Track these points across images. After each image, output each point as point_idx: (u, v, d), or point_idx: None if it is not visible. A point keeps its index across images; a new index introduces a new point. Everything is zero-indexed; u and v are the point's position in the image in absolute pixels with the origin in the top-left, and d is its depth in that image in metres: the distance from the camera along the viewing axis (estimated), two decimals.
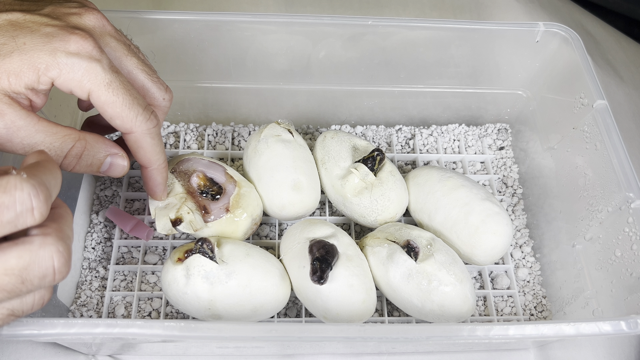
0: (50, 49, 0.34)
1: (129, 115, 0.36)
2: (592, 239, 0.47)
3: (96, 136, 0.38)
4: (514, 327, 0.36)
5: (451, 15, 0.74)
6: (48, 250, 0.28)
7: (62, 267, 0.28)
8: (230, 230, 0.47)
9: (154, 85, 0.40)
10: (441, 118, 0.61)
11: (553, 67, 0.54)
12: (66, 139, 0.36)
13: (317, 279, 0.42)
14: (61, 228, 0.29)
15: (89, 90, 0.35)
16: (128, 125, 0.37)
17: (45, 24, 0.35)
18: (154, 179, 0.42)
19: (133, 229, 0.50)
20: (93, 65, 0.35)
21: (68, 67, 0.34)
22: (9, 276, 0.27)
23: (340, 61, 0.55)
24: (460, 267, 0.45)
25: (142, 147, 0.39)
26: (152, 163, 0.40)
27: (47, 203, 0.28)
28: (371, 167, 0.49)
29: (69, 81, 0.34)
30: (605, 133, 0.46)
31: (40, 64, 0.34)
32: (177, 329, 0.34)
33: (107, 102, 0.35)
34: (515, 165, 0.59)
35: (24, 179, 0.26)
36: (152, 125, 0.38)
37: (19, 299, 0.29)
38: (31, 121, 0.34)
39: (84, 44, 0.35)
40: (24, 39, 0.34)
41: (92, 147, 0.37)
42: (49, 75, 0.34)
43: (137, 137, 0.38)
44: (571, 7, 0.77)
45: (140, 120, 0.37)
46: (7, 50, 0.33)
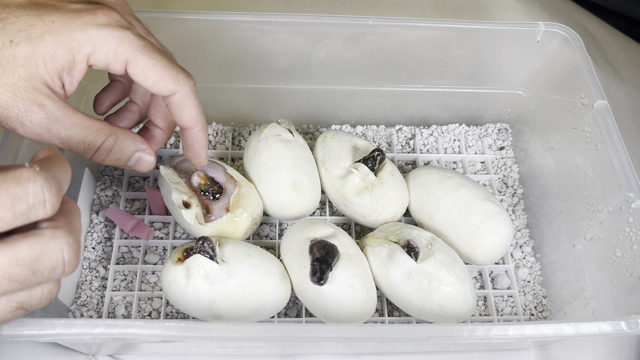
0: (80, 24, 0.33)
1: (170, 75, 0.36)
2: (593, 239, 0.47)
3: (126, 131, 0.38)
4: (514, 327, 0.36)
5: (451, 15, 0.74)
6: (58, 242, 0.28)
7: (71, 260, 0.29)
8: (230, 230, 0.47)
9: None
10: (441, 118, 0.61)
11: (553, 67, 0.54)
12: (99, 132, 0.36)
13: (317, 280, 0.42)
14: (70, 222, 0.29)
15: (126, 59, 0.35)
16: (172, 85, 0.36)
17: (69, 1, 0.35)
18: (200, 140, 0.41)
19: (133, 229, 0.50)
20: (125, 33, 0.34)
21: (101, 39, 0.34)
22: (20, 267, 0.27)
23: (340, 61, 0.55)
24: (461, 267, 0.45)
25: (187, 106, 0.38)
26: (198, 122, 0.40)
27: (59, 196, 0.28)
28: (371, 167, 0.49)
29: (105, 54, 0.34)
30: (606, 133, 0.46)
31: (73, 43, 0.33)
32: (177, 329, 0.34)
33: (147, 66, 0.35)
34: (515, 165, 0.59)
35: (37, 172, 0.27)
36: (192, 82, 0.38)
37: (28, 292, 0.29)
38: (68, 113, 0.35)
39: (111, 14, 0.35)
40: (51, 17, 0.33)
41: (123, 142, 0.38)
42: (84, 52, 0.34)
43: (182, 97, 0.37)
44: (571, 7, 0.77)
45: (182, 78, 0.37)
46: (38, 32, 0.33)
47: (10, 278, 0.27)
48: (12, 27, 0.33)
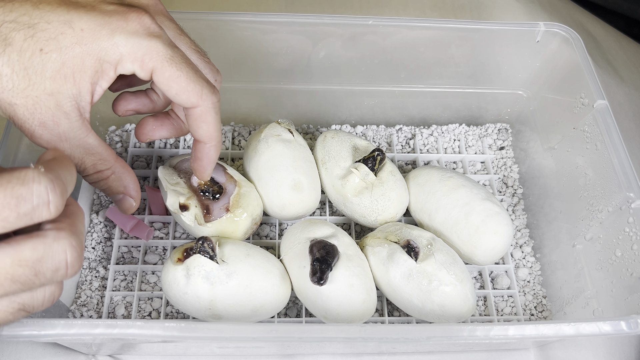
0: (108, 31, 0.33)
1: (194, 89, 0.36)
2: (593, 239, 0.47)
3: (124, 170, 0.38)
4: (514, 327, 0.36)
5: (451, 15, 0.74)
6: (62, 244, 0.28)
7: (74, 262, 0.29)
8: (230, 230, 0.47)
9: (207, 66, 0.40)
10: (441, 118, 0.61)
11: (553, 67, 0.54)
12: (100, 162, 0.36)
13: (316, 280, 0.42)
14: (74, 223, 0.29)
15: (152, 67, 0.34)
16: (194, 99, 0.36)
17: (101, 1, 0.34)
18: (211, 155, 0.40)
19: (133, 229, 0.50)
20: (154, 42, 0.34)
21: (129, 48, 0.33)
22: (23, 267, 0.27)
23: (340, 61, 0.55)
24: (461, 267, 0.45)
25: (206, 122, 0.38)
26: (213, 139, 0.39)
27: (63, 198, 0.28)
28: (372, 167, 0.49)
29: (132, 62, 0.34)
30: (606, 133, 0.46)
31: (101, 52, 0.33)
32: (177, 330, 0.34)
33: (172, 77, 0.35)
34: (515, 165, 0.59)
35: (41, 173, 0.27)
36: (216, 99, 0.37)
37: (30, 294, 0.29)
38: (80, 134, 0.35)
39: (142, 20, 0.34)
40: (81, 24, 0.33)
41: (116, 179, 0.38)
42: (111, 62, 0.33)
43: (203, 111, 0.37)
44: (571, 7, 0.77)
45: (205, 93, 0.36)
46: (67, 42, 0.32)
47: (12, 279, 0.27)
48: (42, 35, 0.32)
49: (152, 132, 0.42)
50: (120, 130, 0.59)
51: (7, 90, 0.32)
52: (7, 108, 0.33)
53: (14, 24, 0.32)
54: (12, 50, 0.32)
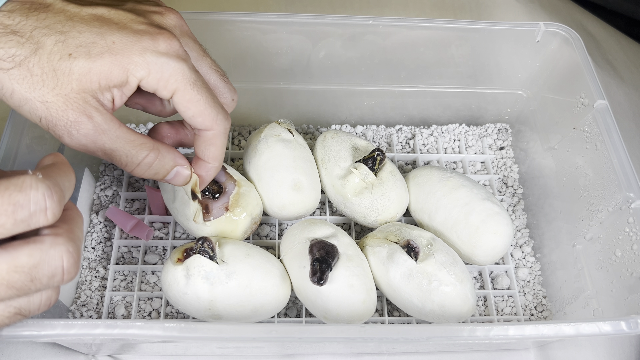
0: (139, 48, 0.34)
1: (211, 113, 0.37)
2: (593, 239, 0.47)
3: (167, 147, 0.39)
4: (514, 328, 0.36)
5: (451, 15, 0.74)
6: (58, 250, 0.28)
7: (71, 268, 0.29)
8: (229, 230, 0.47)
9: (226, 86, 0.41)
10: (441, 118, 0.61)
11: (553, 67, 0.54)
12: (142, 147, 0.37)
13: (316, 280, 0.42)
14: (72, 229, 0.29)
15: (175, 89, 0.36)
16: (209, 123, 0.38)
17: (132, 20, 0.36)
18: (209, 175, 0.42)
19: (133, 229, 0.50)
20: (181, 64, 0.35)
21: (157, 66, 0.35)
22: (19, 273, 0.27)
23: (340, 61, 0.55)
24: (461, 267, 0.45)
25: (214, 145, 0.39)
26: (217, 160, 0.41)
27: (60, 204, 0.28)
28: (371, 167, 0.49)
29: (157, 80, 0.35)
30: (606, 133, 0.46)
31: (130, 65, 0.34)
32: (177, 330, 0.34)
33: (192, 100, 0.36)
34: (515, 165, 0.59)
35: (39, 179, 0.27)
36: (228, 125, 0.39)
37: (27, 298, 0.29)
38: (114, 126, 0.35)
39: (172, 43, 0.35)
40: (112, 37, 0.34)
41: (163, 157, 0.38)
42: (137, 76, 0.35)
43: (214, 135, 0.39)
44: (571, 7, 0.77)
45: (220, 118, 0.38)
46: (97, 51, 0.34)
47: (8, 284, 0.27)
48: (73, 41, 0.34)
49: (166, 138, 0.43)
50: None
51: (38, 89, 0.33)
52: (39, 107, 0.33)
53: (47, 29, 0.33)
54: (42, 53, 0.33)
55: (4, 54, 0.33)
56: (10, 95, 0.33)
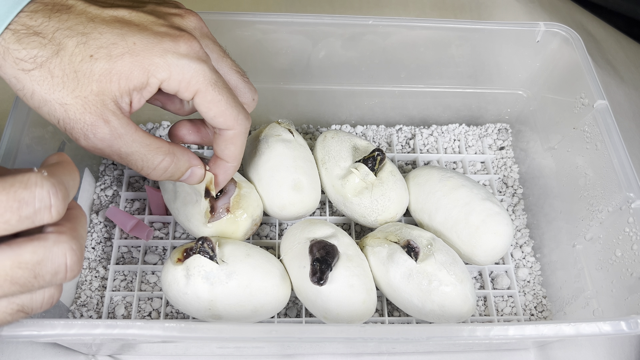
0: (160, 50, 0.35)
1: (232, 113, 0.38)
2: (593, 239, 0.47)
3: (182, 149, 0.39)
4: (514, 328, 0.36)
5: (451, 15, 0.74)
6: (62, 247, 0.28)
7: (74, 265, 0.29)
8: (230, 231, 0.47)
9: (246, 86, 0.42)
10: (441, 118, 0.61)
11: (553, 67, 0.54)
12: (158, 151, 0.37)
13: (316, 280, 0.42)
14: (75, 227, 0.30)
15: (196, 90, 0.36)
16: (230, 123, 0.38)
17: (152, 22, 0.36)
18: (228, 173, 0.42)
19: (133, 229, 0.50)
20: (202, 66, 0.36)
21: (179, 68, 0.35)
22: (23, 270, 0.27)
23: (340, 61, 0.55)
24: (461, 267, 0.45)
25: (234, 144, 0.40)
26: (236, 160, 0.41)
27: (65, 202, 0.28)
28: (372, 167, 0.49)
29: (178, 82, 0.35)
30: (606, 133, 0.46)
31: (151, 66, 0.34)
32: (177, 330, 0.34)
33: (213, 101, 0.37)
34: (515, 165, 0.59)
35: (44, 177, 0.27)
36: (249, 125, 0.40)
37: (29, 295, 0.29)
38: (130, 130, 0.35)
39: (192, 45, 0.36)
40: (133, 38, 0.34)
41: (179, 160, 0.39)
42: (159, 77, 0.35)
43: (234, 134, 0.39)
44: (571, 7, 0.77)
45: (241, 118, 0.38)
46: (118, 52, 0.34)
47: (12, 280, 0.27)
48: (94, 43, 0.34)
49: (187, 136, 0.43)
50: None
51: (58, 91, 0.33)
52: (57, 109, 0.34)
53: (69, 31, 0.34)
54: (64, 54, 0.33)
55: (26, 54, 0.33)
56: (30, 96, 0.34)
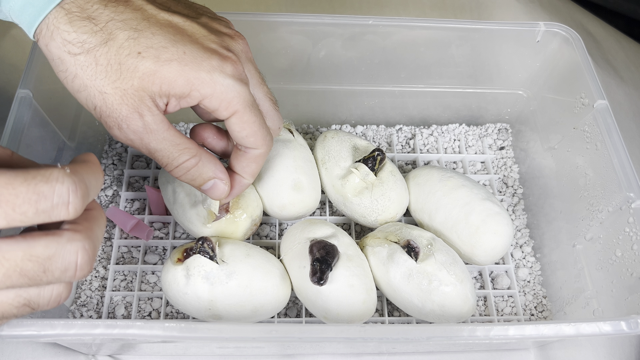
0: (208, 66, 0.35)
1: (262, 134, 0.39)
2: (593, 239, 0.47)
3: (210, 156, 0.39)
4: (514, 328, 0.36)
5: (451, 15, 0.74)
6: (74, 245, 0.29)
7: (84, 265, 0.29)
8: (229, 231, 0.47)
9: (276, 114, 0.42)
10: (441, 118, 0.61)
11: (553, 67, 0.54)
12: (185, 151, 0.37)
13: (316, 280, 0.42)
14: (92, 228, 0.30)
15: (235, 111, 0.37)
16: (259, 143, 0.39)
17: (204, 36, 0.37)
18: (243, 187, 0.43)
19: (133, 229, 0.50)
20: (243, 88, 0.36)
21: (223, 87, 0.35)
22: (33, 262, 0.28)
23: (340, 61, 0.55)
24: (461, 267, 0.45)
25: (256, 163, 0.41)
26: (253, 177, 0.42)
27: (84, 201, 0.28)
28: (372, 167, 0.49)
29: (220, 101, 0.36)
30: (606, 133, 0.46)
31: (195, 80, 0.35)
32: (177, 330, 0.34)
33: (248, 122, 0.38)
34: (515, 165, 0.59)
35: (66, 174, 0.27)
36: (272, 146, 0.41)
37: (37, 290, 0.29)
38: (163, 127, 0.36)
39: (237, 67, 0.37)
40: (184, 48, 0.35)
41: (204, 165, 0.39)
42: (202, 92, 0.35)
43: (259, 154, 0.40)
44: (571, 7, 0.77)
45: (268, 139, 0.40)
46: (166, 57, 0.34)
47: (21, 272, 0.28)
48: (145, 41, 0.34)
49: (208, 139, 0.43)
50: None
51: (100, 79, 0.34)
52: (96, 96, 0.34)
53: (122, 23, 0.34)
54: (112, 45, 0.34)
55: (75, 38, 0.33)
56: (71, 79, 0.34)
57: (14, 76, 0.61)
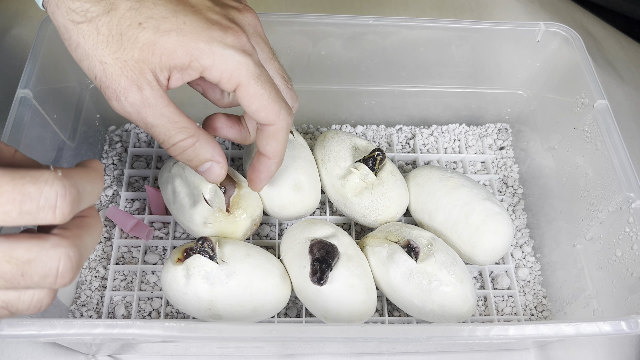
0: (208, 37, 0.35)
1: (274, 108, 0.37)
2: (593, 238, 0.47)
3: (209, 137, 0.39)
4: (514, 327, 0.36)
5: (451, 15, 0.74)
6: (58, 251, 0.28)
7: (65, 272, 0.28)
8: (229, 231, 0.47)
9: (289, 92, 0.41)
10: (441, 118, 0.61)
11: (554, 67, 0.54)
12: (182, 130, 0.37)
13: (316, 280, 0.42)
14: (81, 235, 0.29)
15: (239, 82, 0.36)
16: (272, 118, 0.37)
17: (208, 8, 0.36)
18: (271, 170, 0.42)
19: (133, 229, 0.50)
20: (246, 58, 0.35)
21: (222, 58, 0.35)
22: (11, 265, 0.27)
23: (340, 61, 0.55)
24: (461, 267, 0.45)
25: (276, 140, 0.39)
26: (278, 156, 0.41)
27: (73, 206, 0.27)
28: (372, 166, 0.49)
29: (221, 72, 0.35)
30: (606, 133, 0.46)
31: (195, 50, 0.34)
32: (177, 330, 0.34)
33: (255, 95, 0.36)
34: (515, 165, 0.59)
35: (57, 177, 0.27)
36: (291, 120, 0.39)
37: (17, 294, 0.29)
38: (162, 103, 0.35)
39: (240, 37, 0.36)
40: (184, 18, 0.35)
41: (201, 146, 0.38)
42: (202, 63, 0.35)
43: (276, 130, 0.38)
44: (571, 7, 0.77)
45: (283, 113, 0.38)
46: (166, 27, 0.34)
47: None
48: (146, 12, 0.34)
49: (220, 129, 0.43)
50: (120, 130, 0.59)
51: (101, 49, 0.34)
52: (97, 66, 0.34)
53: None
54: (114, 15, 0.34)
55: (79, 6, 0.33)
56: (75, 48, 0.34)
57: (14, 76, 0.61)
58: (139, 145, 0.58)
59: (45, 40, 0.47)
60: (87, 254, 0.30)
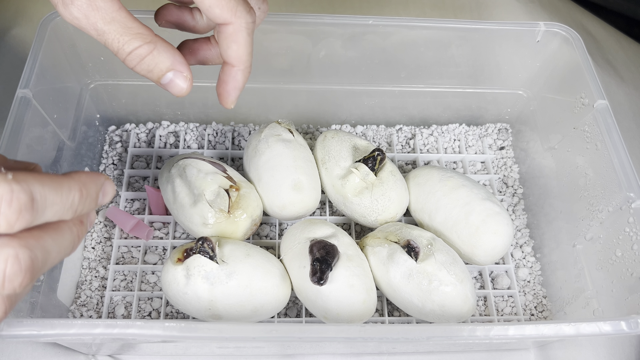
0: None
1: (229, 4, 0.34)
2: (593, 238, 0.47)
3: (168, 46, 0.35)
4: (514, 327, 0.36)
5: (452, 15, 0.74)
6: (4, 252, 0.25)
7: (12, 276, 0.25)
8: (229, 231, 0.47)
9: None
10: (441, 118, 0.61)
11: (554, 67, 0.54)
12: (137, 36, 0.34)
13: (316, 280, 0.42)
14: (41, 237, 0.26)
15: None
16: (227, 15, 0.34)
17: None
18: (237, 80, 0.38)
19: (133, 229, 0.50)
20: None
21: None
22: None
23: (340, 61, 0.55)
24: (461, 267, 0.45)
25: (236, 42, 0.36)
26: (242, 62, 0.37)
27: (20, 213, 0.25)
28: (372, 166, 0.49)
29: None
30: (606, 133, 0.46)
31: None
32: (177, 330, 0.34)
33: None
34: (515, 165, 0.59)
35: (5, 180, 0.24)
36: (251, 19, 0.35)
37: None
38: (112, 7, 0.33)
39: None
40: None
41: (159, 54, 0.35)
42: None
43: (234, 30, 0.35)
44: (571, 7, 0.77)
45: (240, 10, 0.34)
46: None
47: None
48: None
49: (167, 15, 0.40)
50: (120, 130, 0.59)
51: None
52: None
53: None
54: None
55: None
56: None
57: (14, 76, 0.61)
58: (139, 145, 0.58)
59: (45, 40, 0.47)
60: (51, 258, 0.27)
